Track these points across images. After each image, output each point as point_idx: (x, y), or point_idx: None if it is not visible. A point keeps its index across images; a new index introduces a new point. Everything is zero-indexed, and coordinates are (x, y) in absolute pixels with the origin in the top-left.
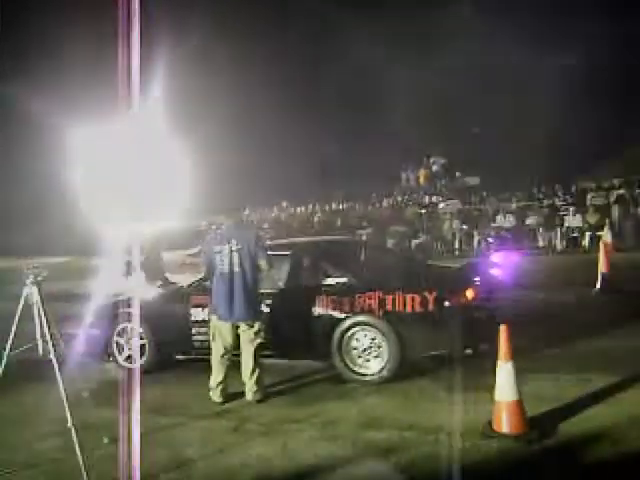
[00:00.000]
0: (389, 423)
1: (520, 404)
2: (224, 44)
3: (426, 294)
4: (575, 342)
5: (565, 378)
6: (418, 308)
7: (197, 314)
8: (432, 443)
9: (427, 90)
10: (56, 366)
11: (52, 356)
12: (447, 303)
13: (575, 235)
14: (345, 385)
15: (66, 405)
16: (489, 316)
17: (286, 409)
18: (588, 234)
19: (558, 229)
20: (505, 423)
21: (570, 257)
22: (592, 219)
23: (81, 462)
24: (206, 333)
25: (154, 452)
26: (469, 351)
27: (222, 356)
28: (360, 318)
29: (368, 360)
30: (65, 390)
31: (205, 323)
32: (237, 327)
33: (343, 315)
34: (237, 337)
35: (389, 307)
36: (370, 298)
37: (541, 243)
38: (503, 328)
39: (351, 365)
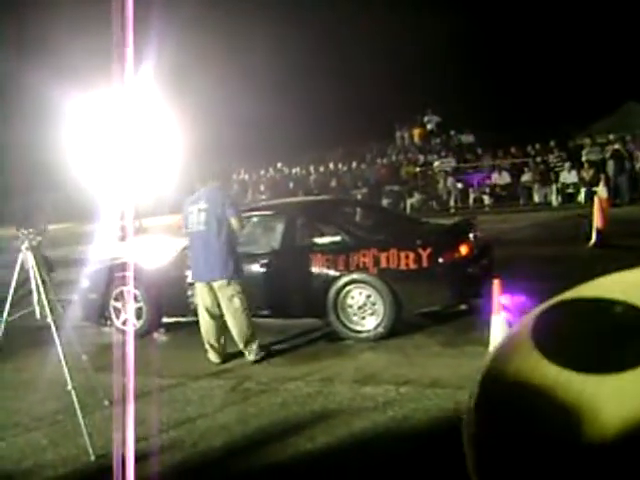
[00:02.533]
0: (386, 379)
1: None
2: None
3: (420, 251)
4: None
5: None
6: (412, 265)
7: None
8: (429, 397)
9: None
10: (54, 330)
11: (50, 321)
12: (441, 259)
13: (571, 191)
14: (341, 342)
15: (65, 369)
16: (483, 271)
17: (284, 367)
18: (583, 190)
19: (554, 185)
20: None
21: (566, 213)
22: (587, 175)
23: (82, 424)
24: None
25: (154, 412)
26: (464, 306)
27: (205, 317)
28: (354, 276)
29: (363, 317)
30: (64, 354)
31: None
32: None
33: (338, 273)
34: (216, 297)
35: (383, 264)
36: (364, 256)
37: (537, 199)
38: (496, 282)
39: (347, 322)
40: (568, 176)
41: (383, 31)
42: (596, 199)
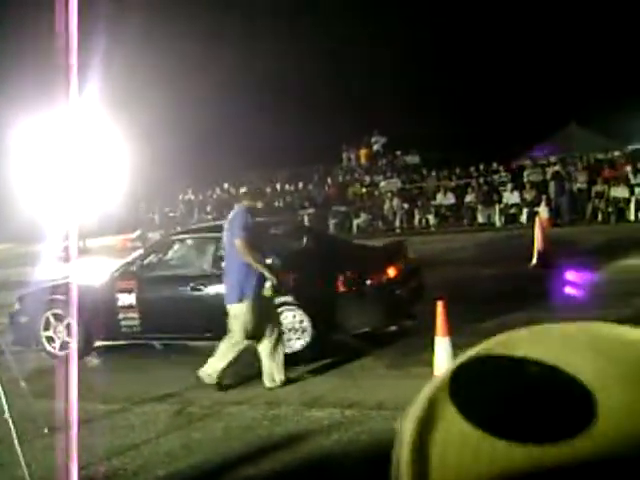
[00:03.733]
0: (331, 401)
1: None
2: (161, 30)
3: (348, 273)
4: (509, 316)
5: None
6: (340, 287)
7: (123, 299)
8: (374, 419)
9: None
10: None
11: None
12: (369, 281)
13: (513, 212)
14: (287, 364)
15: (2, 396)
16: (412, 293)
17: (228, 391)
18: (525, 210)
19: (497, 206)
20: None
21: (508, 233)
22: (529, 195)
23: (20, 453)
24: (133, 318)
25: (96, 439)
26: (394, 327)
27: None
28: (284, 299)
29: (291, 339)
30: (1, 380)
31: (131, 308)
32: None
33: None
34: None
35: (312, 286)
36: (293, 279)
37: (481, 220)
38: (440, 304)
39: None
40: (511, 197)
41: (332, 51)
42: (537, 220)
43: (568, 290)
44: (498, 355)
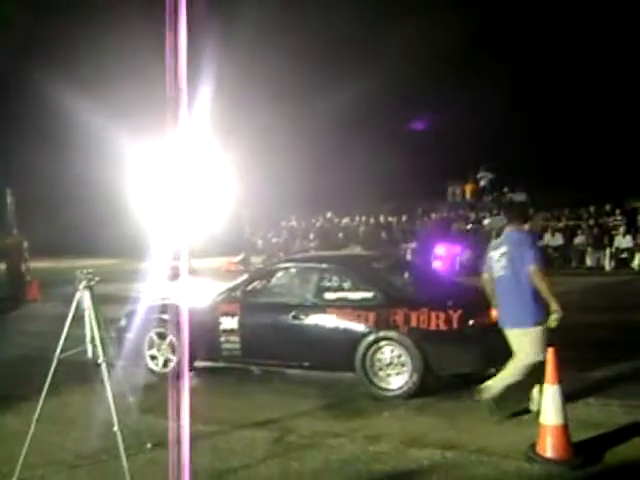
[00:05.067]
0: (431, 442)
1: (565, 428)
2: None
3: (450, 312)
4: (624, 367)
5: (613, 404)
6: (442, 326)
7: (226, 322)
8: (474, 464)
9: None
10: (104, 370)
11: (101, 360)
12: (471, 322)
13: (624, 256)
14: (387, 401)
15: (113, 409)
16: None
17: (327, 422)
18: (638, 255)
19: (607, 249)
20: (549, 447)
21: (619, 278)
22: None
23: (125, 466)
24: (234, 342)
25: (197, 460)
26: (494, 370)
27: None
28: (385, 333)
29: (390, 375)
30: (112, 394)
31: (233, 332)
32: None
33: (368, 329)
34: None
35: (414, 323)
36: (395, 314)
37: (589, 263)
38: (551, 350)
39: (374, 379)
40: (623, 240)
41: (442, 90)
42: None
43: None
44: None
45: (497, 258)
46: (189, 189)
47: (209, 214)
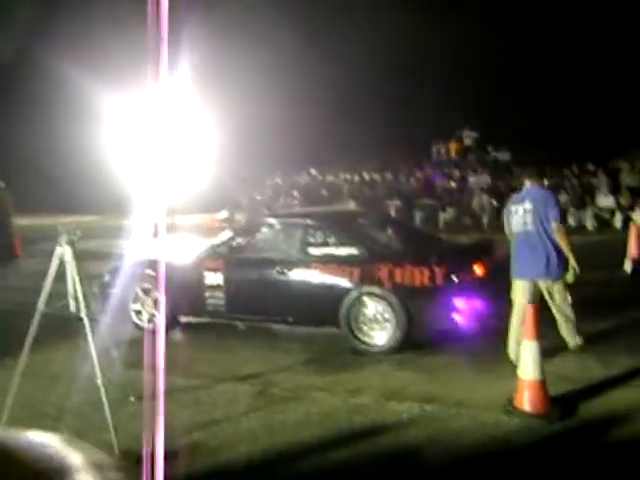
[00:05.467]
0: (411, 395)
1: (543, 383)
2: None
3: (435, 268)
4: (600, 323)
5: (590, 359)
6: (426, 282)
7: (210, 278)
8: (453, 417)
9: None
10: (87, 325)
11: (83, 315)
12: (455, 278)
13: (606, 216)
14: (369, 356)
15: (96, 363)
16: (498, 292)
17: (310, 376)
18: (619, 215)
19: (589, 208)
20: (527, 401)
21: (601, 237)
22: (624, 200)
23: (109, 419)
24: (218, 297)
25: (180, 412)
26: (476, 326)
27: (519, 314)
28: (369, 289)
29: (374, 330)
30: (95, 348)
31: (217, 287)
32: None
33: (352, 285)
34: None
35: (398, 280)
36: (380, 270)
37: (571, 222)
38: (530, 307)
39: (358, 333)
40: (605, 200)
41: (428, 46)
42: (632, 226)
43: None
44: None
45: (521, 213)
46: (170, 145)
47: (191, 171)
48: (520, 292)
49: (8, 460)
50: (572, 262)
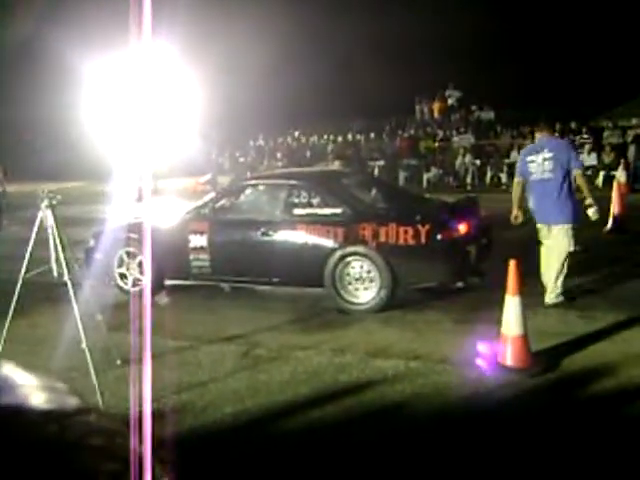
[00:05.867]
0: (396, 353)
1: (525, 338)
2: None
3: (419, 227)
4: (580, 280)
5: (571, 314)
6: (410, 240)
7: (195, 240)
8: (437, 373)
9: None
10: (70, 289)
11: (66, 279)
12: (439, 236)
13: (589, 174)
14: (353, 314)
15: (80, 327)
16: (482, 250)
17: (295, 336)
18: (602, 173)
19: None
20: (510, 356)
21: (582, 195)
22: (607, 158)
23: (95, 382)
24: (203, 259)
25: (166, 374)
26: (461, 284)
27: (545, 258)
28: (354, 248)
29: (358, 289)
30: (79, 312)
31: (202, 249)
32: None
33: (337, 245)
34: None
35: (382, 239)
36: (364, 229)
37: None
38: (513, 263)
39: (343, 293)
40: (587, 158)
41: (412, 5)
42: (615, 183)
43: None
44: None
45: (540, 161)
46: (152, 109)
47: (173, 134)
48: (542, 237)
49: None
50: (590, 201)
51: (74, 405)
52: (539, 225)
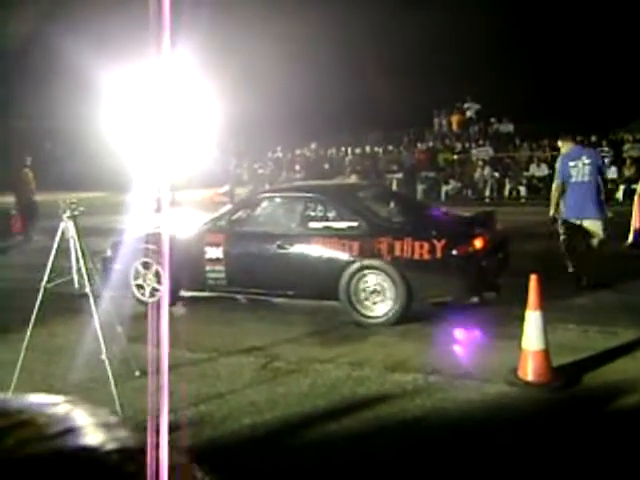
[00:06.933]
0: (414, 366)
1: (546, 353)
2: None
3: (434, 241)
4: (603, 295)
5: (592, 329)
6: (426, 255)
7: (211, 252)
8: (456, 388)
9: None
10: (92, 300)
11: (87, 290)
12: (455, 251)
13: (610, 187)
14: (371, 328)
15: (101, 338)
16: (498, 265)
17: (313, 348)
18: (622, 187)
19: None
20: (530, 371)
21: None
22: (628, 171)
23: (114, 393)
24: (219, 271)
25: (185, 386)
26: (476, 299)
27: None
28: (369, 262)
29: (375, 303)
30: (100, 323)
31: (218, 261)
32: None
33: (352, 258)
34: (586, 232)
35: (397, 252)
36: (380, 243)
37: None
38: (534, 277)
39: (358, 307)
40: (608, 172)
41: (429, 17)
42: (636, 197)
43: None
44: None
45: (580, 166)
46: (171, 120)
47: (192, 145)
48: (572, 230)
49: (14, 422)
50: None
51: (140, 441)
52: (572, 219)
